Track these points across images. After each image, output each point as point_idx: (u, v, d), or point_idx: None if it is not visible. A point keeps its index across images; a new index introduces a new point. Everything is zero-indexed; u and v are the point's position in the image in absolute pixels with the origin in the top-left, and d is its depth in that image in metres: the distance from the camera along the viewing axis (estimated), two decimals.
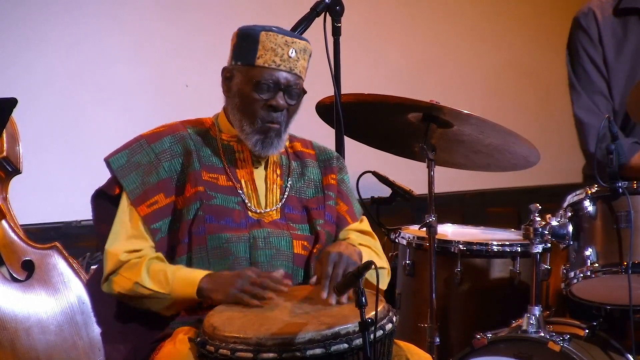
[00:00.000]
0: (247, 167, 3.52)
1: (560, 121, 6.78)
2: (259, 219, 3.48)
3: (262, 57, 3.40)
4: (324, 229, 3.53)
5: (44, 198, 5.52)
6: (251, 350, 3.06)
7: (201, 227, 3.42)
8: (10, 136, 4.35)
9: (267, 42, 3.40)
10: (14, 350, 4.24)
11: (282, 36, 3.42)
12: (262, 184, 3.52)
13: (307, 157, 3.62)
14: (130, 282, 3.37)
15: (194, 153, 3.47)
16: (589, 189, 4.05)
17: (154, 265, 3.38)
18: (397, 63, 6.46)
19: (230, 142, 3.52)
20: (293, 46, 3.42)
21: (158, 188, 3.44)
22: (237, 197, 3.48)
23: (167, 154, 3.46)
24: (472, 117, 3.99)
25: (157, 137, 3.49)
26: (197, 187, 3.43)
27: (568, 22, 4.95)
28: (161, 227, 3.43)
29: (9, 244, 4.32)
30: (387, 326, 3.16)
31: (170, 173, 3.46)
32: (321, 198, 3.58)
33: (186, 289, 3.34)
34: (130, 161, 3.46)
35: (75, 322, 4.32)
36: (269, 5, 5.97)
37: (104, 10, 5.64)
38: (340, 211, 3.62)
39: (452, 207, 6.50)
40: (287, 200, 3.53)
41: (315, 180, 3.60)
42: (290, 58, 3.42)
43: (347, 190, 3.66)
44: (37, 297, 4.30)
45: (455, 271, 4.33)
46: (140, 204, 3.42)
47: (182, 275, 3.36)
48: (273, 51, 3.40)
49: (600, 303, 4.20)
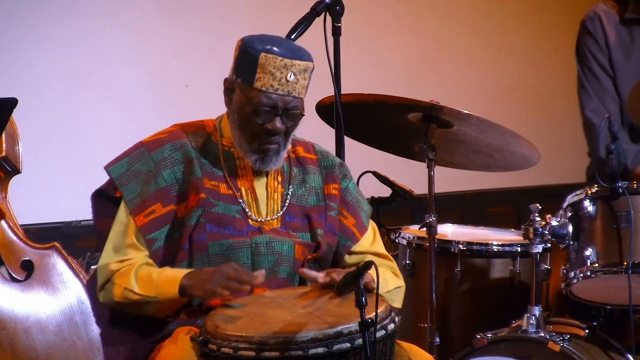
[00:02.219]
0: (248, 175, 3.50)
1: (560, 121, 6.78)
2: (260, 226, 3.47)
3: (260, 80, 3.37)
4: (324, 241, 3.51)
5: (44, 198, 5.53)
6: (253, 349, 3.05)
7: (202, 234, 3.40)
8: (10, 136, 4.36)
9: (267, 64, 3.36)
10: (14, 350, 4.25)
11: (281, 59, 3.37)
12: (262, 191, 3.51)
13: (309, 163, 3.59)
14: (121, 289, 3.37)
15: (195, 161, 3.45)
16: (589, 189, 4.05)
17: (141, 271, 3.37)
18: (397, 63, 6.46)
19: (231, 149, 3.50)
20: (292, 69, 3.37)
21: (156, 197, 3.42)
22: (238, 206, 3.46)
23: (167, 163, 3.44)
24: (472, 117, 3.99)
25: (158, 144, 3.47)
26: (200, 195, 3.42)
27: (569, 22, 4.96)
28: (158, 236, 3.41)
29: (8, 244, 4.32)
30: (389, 326, 3.16)
31: (169, 182, 3.44)
32: (322, 207, 3.55)
33: (170, 289, 3.33)
34: (130, 170, 3.44)
35: (75, 322, 4.32)
36: (269, 5, 5.98)
37: (104, 10, 5.65)
38: (348, 225, 3.59)
39: (452, 207, 6.50)
40: (288, 209, 3.51)
41: (317, 188, 3.57)
42: (289, 82, 3.37)
43: (353, 200, 3.62)
44: (37, 297, 4.30)
45: (455, 271, 4.33)
46: (138, 214, 3.40)
47: (166, 276, 3.35)
48: (271, 75, 3.36)
49: (600, 303, 4.19)
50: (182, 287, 3.32)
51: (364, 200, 3.67)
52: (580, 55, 4.87)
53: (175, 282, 3.33)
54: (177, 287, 3.32)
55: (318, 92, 4.17)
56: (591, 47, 4.82)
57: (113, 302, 3.40)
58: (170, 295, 3.33)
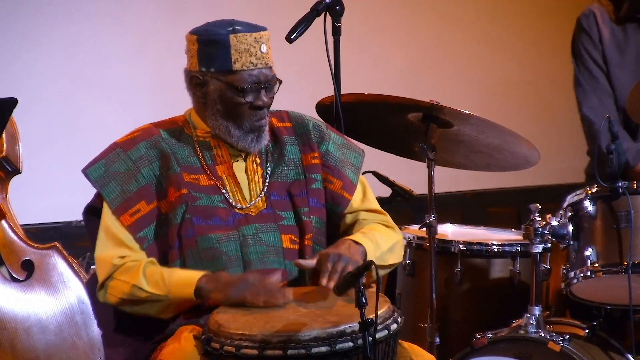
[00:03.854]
0: (226, 162, 3.48)
1: (560, 121, 6.79)
2: (246, 213, 3.46)
3: (238, 61, 3.37)
4: (309, 217, 3.49)
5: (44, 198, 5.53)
6: (256, 347, 3.05)
7: (190, 230, 3.39)
8: (10, 136, 4.36)
9: (239, 44, 3.37)
10: (14, 350, 4.25)
11: (250, 34, 3.38)
12: (243, 176, 3.49)
13: (285, 133, 3.54)
14: (128, 286, 3.34)
15: (171, 156, 3.43)
16: (589, 189, 4.05)
17: (150, 268, 3.36)
18: (397, 63, 6.46)
19: (206, 139, 3.48)
20: (262, 40, 3.39)
21: (139, 196, 3.40)
22: (220, 196, 3.45)
23: (144, 160, 3.43)
24: (472, 117, 3.99)
25: (132, 143, 3.45)
26: (181, 190, 3.40)
27: (569, 22, 4.97)
28: (147, 234, 3.40)
29: (8, 244, 4.32)
30: (392, 326, 3.16)
31: (149, 179, 3.42)
32: (302, 182, 3.51)
33: (184, 290, 3.32)
34: (108, 171, 3.42)
35: (75, 322, 4.32)
36: (269, 5, 5.98)
37: (104, 10, 5.65)
38: (336, 189, 3.54)
39: (452, 207, 6.50)
40: (269, 188, 3.49)
41: (295, 160, 3.53)
42: (263, 54, 3.39)
43: (336, 160, 3.57)
44: (37, 297, 4.31)
45: (455, 271, 4.33)
46: (123, 213, 3.39)
47: (178, 277, 3.34)
48: (247, 52, 3.37)
49: (600, 303, 4.20)
50: (199, 289, 3.31)
51: (349, 149, 3.63)
52: (575, 53, 4.89)
53: (190, 284, 3.31)
54: (192, 289, 3.30)
55: (318, 92, 4.17)
56: (586, 44, 4.84)
57: (116, 299, 3.37)
58: (184, 295, 3.32)
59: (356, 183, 3.58)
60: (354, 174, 3.58)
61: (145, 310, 3.37)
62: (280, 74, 3.47)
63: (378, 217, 3.58)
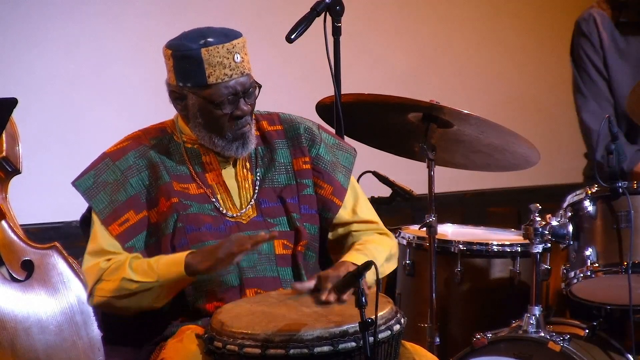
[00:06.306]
0: (215, 170, 3.48)
1: (560, 121, 6.79)
2: (237, 222, 3.45)
3: (212, 75, 3.34)
4: (302, 224, 3.48)
5: (44, 198, 5.53)
6: (259, 346, 3.07)
7: (183, 239, 3.39)
8: (10, 136, 4.36)
9: (211, 58, 3.34)
10: (14, 350, 4.25)
11: (222, 46, 3.34)
12: (233, 183, 3.48)
13: (275, 137, 3.53)
14: (116, 282, 3.34)
15: (160, 165, 3.42)
16: (589, 189, 4.05)
17: (136, 262, 3.36)
18: (397, 63, 6.46)
19: (194, 145, 3.48)
20: (235, 50, 3.35)
21: (128, 205, 3.40)
22: (211, 204, 3.45)
23: (132, 170, 3.42)
24: (472, 117, 4.00)
25: (122, 153, 3.44)
26: (171, 200, 3.39)
27: (569, 22, 4.96)
28: (135, 244, 3.40)
29: (8, 244, 4.32)
30: (395, 327, 3.16)
31: (138, 188, 3.42)
32: (294, 187, 3.50)
33: (174, 269, 3.31)
34: (97, 181, 3.42)
35: (75, 322, 4.32)
36: (269, 6, 5.98)
37: (104, 10, 5.65)
38: (326, 195, 3.53)
39: (452, 207, 6.50)
40: (260, 194, 3.48)
41: (286, 164, 3.52)
42: (237, 64, 3.36)
43: (326, 164, 3.55)
44: (37, 297, 4.31)
45: (455, 271, 4.34)
46: (111, 223, 3.39)
47: (166, 260, 3.34)
48: (220, 65, 3.34)
49: (600, 303, 4.20)
50: (188, 265, 3.31)
51: (340, 150, 3.62)
52: (575, 58, 4.87)
53: (178, 263, 3.31)
54: (181, 267, 3.30)
55: (318, 92, 4.17)
56: (586, 49, 4.83)
57: (105, 299, 3.36)
58: (175, 275, 3.31)
59: (346, 187, 3.56)
60: (344, 176, 3.57)
61: (138, 303, 3.36)
62: (280, 74, 3.48)
63: (371, 226, 3.57)
